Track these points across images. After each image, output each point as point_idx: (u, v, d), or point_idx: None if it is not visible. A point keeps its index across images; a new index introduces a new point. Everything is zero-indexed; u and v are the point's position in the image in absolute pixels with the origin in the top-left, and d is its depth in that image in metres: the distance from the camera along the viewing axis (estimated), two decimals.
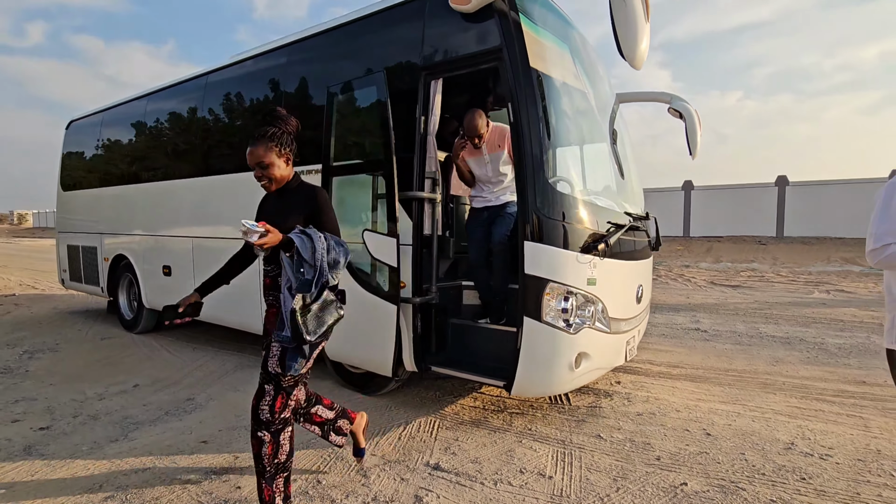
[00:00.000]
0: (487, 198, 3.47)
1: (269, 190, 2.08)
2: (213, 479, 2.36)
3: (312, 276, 1.81)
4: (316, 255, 1.82)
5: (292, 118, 2.10)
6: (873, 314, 6.89)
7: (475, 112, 3.26)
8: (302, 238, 1.82)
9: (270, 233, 1.78)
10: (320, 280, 1.84)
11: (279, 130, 2.02)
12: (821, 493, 2.25)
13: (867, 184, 17.40)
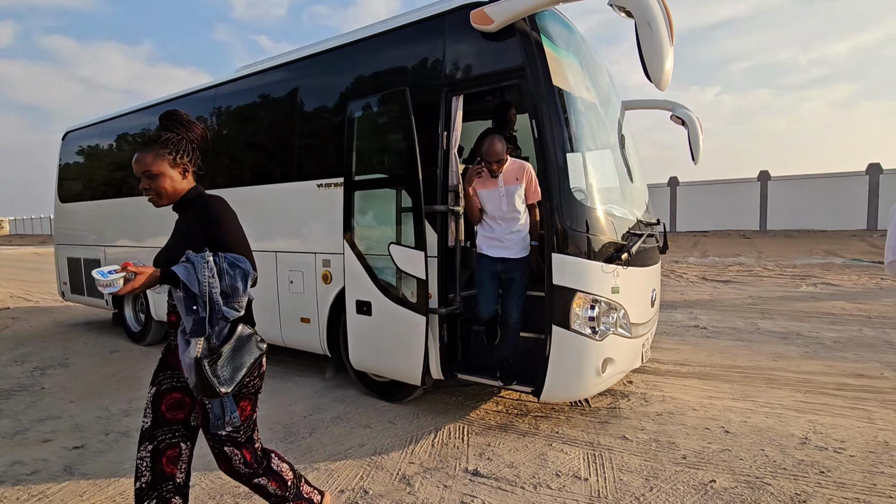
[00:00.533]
0: (503, 242, 3.09)
1: (156, 205, 1.77)
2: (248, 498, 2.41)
3: (206, 312, 1.51)
4: (202, 288, 1.50)
5: (198, 125, 1.81)
6: (861, 307, 7.17)
7: (495, 137, 3.05)
8: (187, 268, 1.51)
9: (140, 273, 1.49)
10: (216, 316, 1.53)
11: (176, 136, 1.73)
12: (840, 486, 2.40)
13: (846, 177, 17.96)
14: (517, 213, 3.10)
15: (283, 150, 4.19)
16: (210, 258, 1.55)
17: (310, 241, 3.92)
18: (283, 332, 4.21)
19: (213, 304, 1.52)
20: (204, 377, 1.51)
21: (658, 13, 2.31)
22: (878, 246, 14.78)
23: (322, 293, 3.86)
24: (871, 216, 17.20)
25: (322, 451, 2.88)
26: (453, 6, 3.17)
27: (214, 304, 1.52)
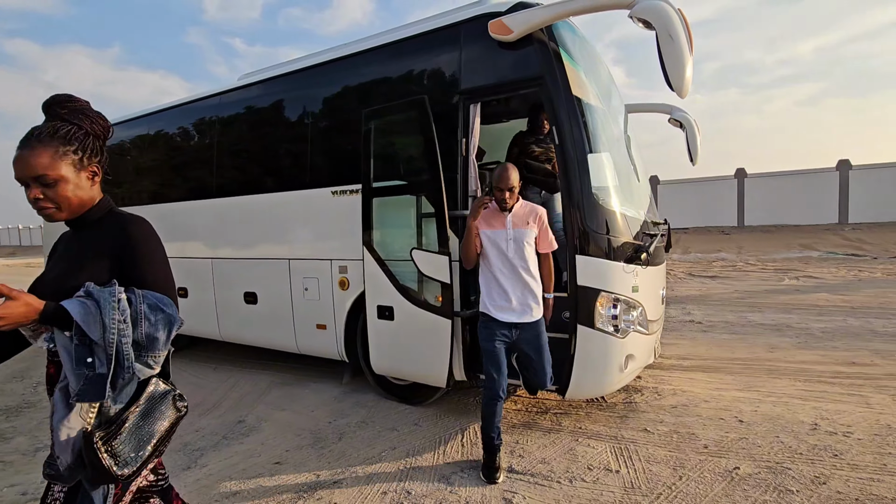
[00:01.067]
0: (511, 303, 2.61)
1: (52, 219, 1.30)
2: (306, 498, 2.45)
3: (107, 368, 1.11)
4: (108, 335, 1.11)
5: (102, 116, 1.35)
6: (843, 298, 7.51)
7: (508, 165, 2.66)
8: (85, 305, 1.12)
9: (16, 300, 1.06)
10: (122, 374, 1.14)
11: (79, 130, 1.28)
12: (854, 467, 2.56)
13: (817, 174, 18.66)
14: (525, 264, 2.62)
15: (296, 158, 4.20)
16: (123, 296, 1.17)
17: (325, 248, 3.95)
18: (297, 340, 4.22)
19: (120, 357, 1.13)
20: (95, 459, 1.10)
21: (678, 25, 2.43)
22: (850, 239, 15.43)
23: (339, 299, 3.89)
24: (843, 211, 17.91)
25: (355, 455, 2.92)
26: (469, 16, 3.25)
27: (122, 358, 1.13)
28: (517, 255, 2.63)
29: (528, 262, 2.65)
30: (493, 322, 2.65)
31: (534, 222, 2.68)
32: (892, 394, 3.60)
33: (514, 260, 2.63)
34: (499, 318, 2.63)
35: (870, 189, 17.25)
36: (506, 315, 2.63)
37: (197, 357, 5.53)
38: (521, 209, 2.69)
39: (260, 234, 4.41)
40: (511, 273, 2.64)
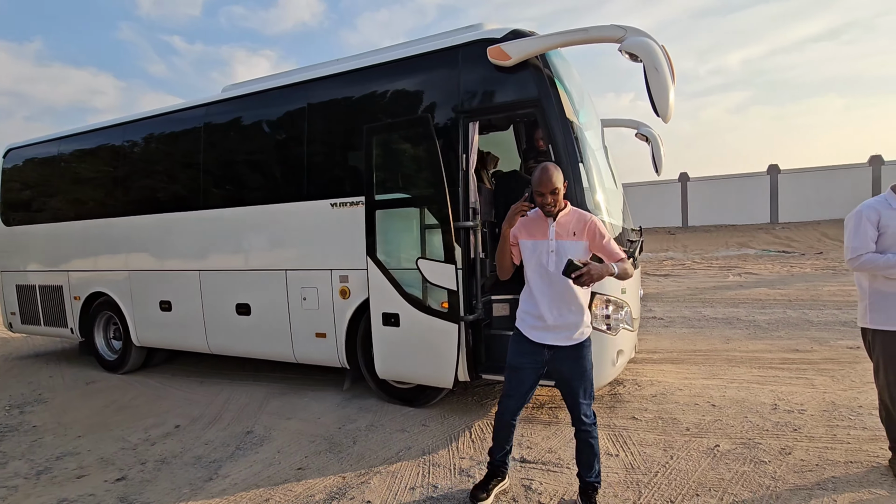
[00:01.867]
0: (547, 323, 2.33)
1: None
2: (339, 498, 2.59)
3: None
4: None
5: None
6: (780, 292, 8.36)
7: (549, 164, 2.34)
8: None
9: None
10: None
11: None
12: (811, 438, 3.00)
13: (749, 177, 20.30)
14: (567, 282, 2.21)
15: (294, 170, 4.26)
16: None
17: (325, 258, 4.05)
18: (295, 349, 4.28)
19: None
20: None
21: (662, 59, 2.78)
22: (781, 237, 16.96)
23: (340, 308, 4.01)
24: (773, 211, 19.61)
25: (374, 456, 3.07)
26: (467, 40, 3.49)
27: None
28: (559, 271, 2.21)
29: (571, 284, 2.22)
30: (524, 340, 2.41)
31: (581, 233, 2.31)
32: (831, 375, 4.15)
33: (555, 276, 2.28)
34: (530, 337, 2.38)
35: (796, 191, 19.02)
36: (539, 335, 2.37)
37: (178, 372, 5.43)
38: (566, 217, 2.36)
39: (254, 245, 4.44)
40: (549, 290, 2.33)
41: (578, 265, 2.08)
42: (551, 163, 2.43)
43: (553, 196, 2.29)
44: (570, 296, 2.33)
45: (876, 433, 2.98)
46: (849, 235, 2.55)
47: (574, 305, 2.35)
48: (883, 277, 2.47)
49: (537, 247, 2.36)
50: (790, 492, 2.46)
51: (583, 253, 2.31)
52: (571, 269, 2.07)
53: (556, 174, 2.30)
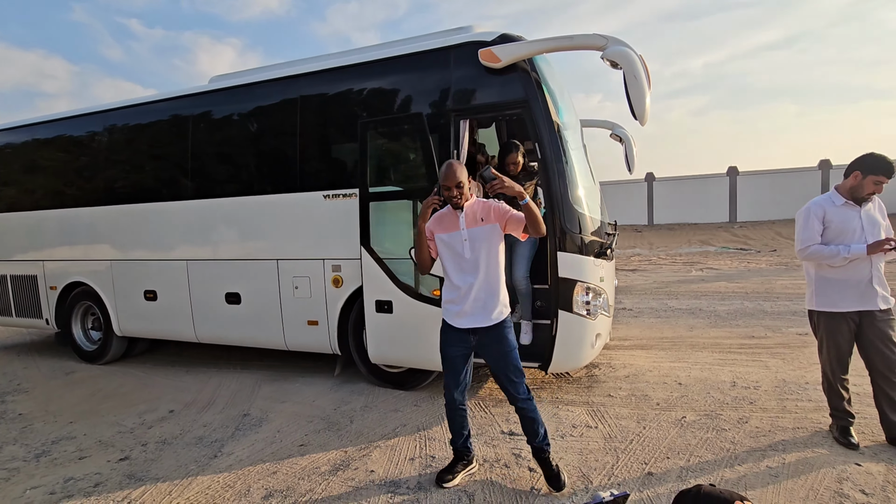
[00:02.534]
0: (464, 306, 2.47)
1: None
2: (343, 468, 2.76)
3: None
4: None
5: None
6: (738, 285, 8.94)
7: (453, 161, 2.53)
8: None
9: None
10: None
11: None
12: (764, 409, 3.37)
13: (710, 178, 21.29)
14: (484, 265, 2.45)
15: (287, 162, 4.36)
16: None
17: (317, 248, 4.18)
18: (286, 337, 4.40)
19: None
20: None
21: (640, 68, 3.05)
22: (738, 235, 17.90)
23: (332, 296, 4.15)
24: (732, 211, 20.65)
25: (372, 433, 3.25)
26: (459, 42, 3.69)
27: None
28: (474, 256, 2.45)
29: (489, 262, 2.46)
30: (450, 329, 2.54)
31: (488, 217, 2.47)
32: (782, 358, 4.58)
33: (472, 261, 2.46)
34: (454, 324, 2.51)
35: (754, 192, 20.11)
36: (461, 321, 2.49)
37: (161, 362, 5.44)
38: (472, 206, 2.50)
39: (245, 235, 4.52)
40: (468, 276, 2.46)
41: (493, 175, 2.34)
42: (456, 160, 2.63)
43: (458, 189, 2.44)
44: (486, 279, 2.47)
45: (819, 404, 3.37)
46: (798, 229, 2.90)
47: (491, 287, 2.48)
48: (827, 266, 2.82)
49: (452, 238, 2.49)
50: (746, 453, 2.79)
51: (496, 236, 2.49)
52: (487, 177, 2.34)
53: (459, 170, 2.46)
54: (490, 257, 2.48)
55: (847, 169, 2.81)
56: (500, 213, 2.47)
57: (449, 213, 2.52)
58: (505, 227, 2.49)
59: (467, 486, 2.61)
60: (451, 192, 2.43)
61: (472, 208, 2.50)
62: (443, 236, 2.51)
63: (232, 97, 4.59)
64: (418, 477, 2.69)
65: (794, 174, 19.96)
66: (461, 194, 2.44)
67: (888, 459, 2.66)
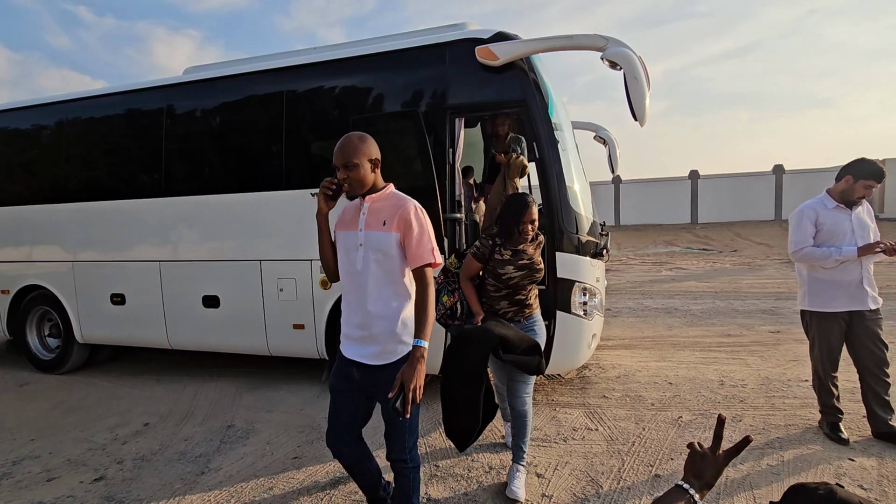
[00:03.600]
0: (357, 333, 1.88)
1: None
2: (345, 482, 2.62)
3: None
4: None
5: None
6: (708, 284, 9.24)
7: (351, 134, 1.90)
8: None
9: None
10: None
11: None
12: (755, 408, 3.45)
13: (673, 181, 22.03)
14: (376, 283, 1.83)
15: (271, 159, 4.15)
16: None
17: (304, 248, 4.00)
18: (269, 341, 4.19)
19: None
20: None
21: (640, 69, 3.06)
22: (701, 236, 18.60)
23: (320, 298, 3.98)
24: (693, 212, 21.44)
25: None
26: (455, 38, 3.61)
27: None
28: (366, 270, 1.82)
29: (383, 280, 1.83)
30: (339, 355, 1.95)
31: (392, 222, 1.82)
32: (760, 356, 4.73)
33: (363, 276, 1.83)
34: (342, 350, 1.94)
35: (714, 195, 20.95)
36: (348, 349, 1.91)
37: (127, 370, 5.09)
38: (380, 201, 1.88)
39: (225, 235, 4.28)
40: (359, 293, 1.84)
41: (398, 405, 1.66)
42: (357, 132, 1.92)
43: (348, 171, 1.79)
44: (377, 305, 1.82)
45: (805, 401, 3.48)
46: (792, 231, 2.97)
47: (383, 317, 1.82)
48: (819, 267, 2.90)
49: (348, 239, 1.89)
50: (746, 451, 2.83)
51: (394, 248, 1.82)
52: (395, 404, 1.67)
53: (355, 143, 1.82)
54: (387, 278, 1.83)
55: (839, 173, 2.90)
56: (407, 225, 1.81)
57: (355, 206, 1.93)
58: (404, 245, 1.83)
59: (474, 493, 2.53)
60: (340, 174, 1.82)
61: (379, 204, 1.88)
62: (340, 234, 1.93)
63: (212, 89, 4.33)
64: (425, 486, 2.59)
65: (750, 178, 20.92)
66: (353, 179, 1.81)
67: (878, 454, 2.76)
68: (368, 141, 1.87)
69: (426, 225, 1.86)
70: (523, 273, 2.54)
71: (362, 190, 1.86)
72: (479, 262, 2.58)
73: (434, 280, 2.01)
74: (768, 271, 10.64)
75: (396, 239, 1.83)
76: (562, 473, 2.68)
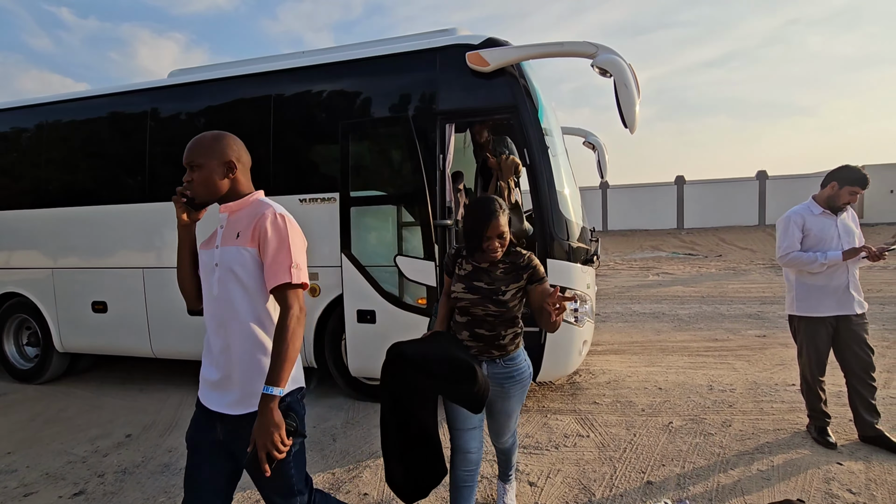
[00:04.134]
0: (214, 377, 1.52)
1: None
2: (335, 493, 2.57)
3: None
4: None
5: None
6: (694, 289, 9.34)
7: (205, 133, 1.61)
8: None
9: None
10: None
11: None
12: (743, 412, 3.47)
13: (659, 187, 22.32)
14: (231, 310, 1.48)
15: (257, 164, 4.07)
16: None
17: None
18: None
19: None
20: None
21: (630, 76, 3.08)
22: (686, 241, 18.85)
23: (308, 305, 3.92)
24: (679, 218, 21.71)
25: (358, 452, 3.07)
26: (445, 44, 3.60)
27: None
28: (222, 295, 1.49)
29: (244, 308, 1.48)
30: (198, 402, 1.59)
31: (247, 233, 1.48)
32: (747, 360, 4.78)
33: (220, 303, 1.50)
34: (199, 397, 1.57)
35: (699, 200, 21.26)
36: (206, 395, 1.54)
37: (107, 380, 4.96)
38: (239, 210, 1.56)
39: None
40: (215, 324, 1.52)
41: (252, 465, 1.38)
42: (219, 131, 1.62)
43: (192, 173, 1.53)
44: (236, 333, 1.48)
45: (792, 405, 3.52)
46: (779, 236, 3.01)
47: (244, 348, 1.48)
48: (807, 272, 2.94)
49: (205, 259, 1.59)
50: (736, 457, 2.85)
51: (250, 266, 1.48)
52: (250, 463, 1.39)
53: (205, 142, 1.54)
54: (248, 305, 1.48)
55: (824, 180, 2.94)
56: (261, 235, 1.46)
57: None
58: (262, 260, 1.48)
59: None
60: (185, 176, 1.55)
61: (238, 214, 1.56)
62: (200, 254, 1.61)
63: (198, 93, 4.27)
64: None
65: (734, 183, 21.28)
66: (199, 184, 1.52)
67: (865, 457, 2.79)
68: (225, 141, 1.57)
69: (289, 236, 1.47)
70: (474, 298, 1.93)
71: (210, 197, 1.55)
72: (447, 274, 2.13)
73: None
74: (753, 276, 10.80)
75: (253, 255, 1.48)
76: (554, 481, 2.66)
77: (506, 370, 2.02)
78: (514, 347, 2.04)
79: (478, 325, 1.99)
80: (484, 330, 1.98)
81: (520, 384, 2.05)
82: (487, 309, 1.94)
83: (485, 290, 1.95)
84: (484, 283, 1.97)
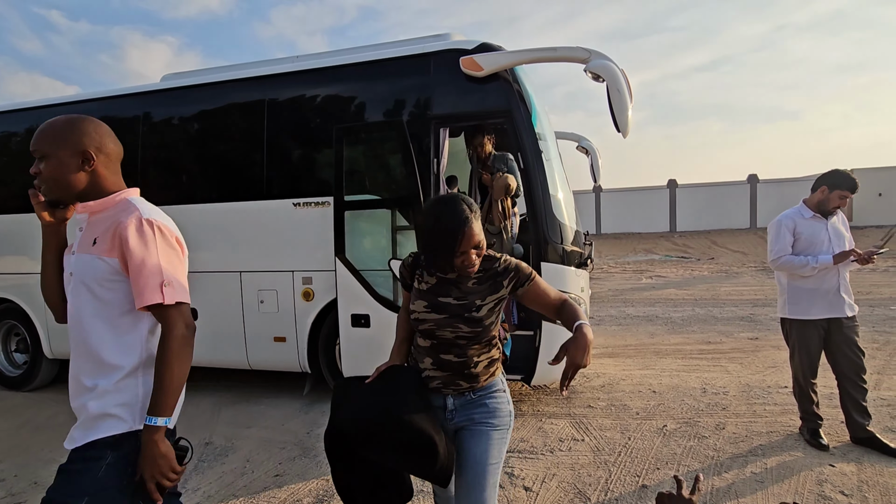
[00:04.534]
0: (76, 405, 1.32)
1: None
2: (329, 500, 2.55)
3: None
4: None
5: None
6: (687, 292, 9.40)
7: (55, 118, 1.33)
8: None
9: None
10: None
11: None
12: (737, 415, 3.48)
13: (652, 190, 22.46)
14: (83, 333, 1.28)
15: (252, 168, 4.07)
16: None
17: (286, 259, 3.93)
18: (249, 355, 4.09)
19: None
20: None
21: (623, 82, 3.10)
22: (679, 244, 18.97)
23: (302, 311, 3.91)
24: (672, 221, 21.86)
25: None
26: (439, 49, 3.61)
27: None
28: (77, 310, 1.29)
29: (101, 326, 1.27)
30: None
31: (106, 241, 1.28)
32: (740, 362, 4.81)
33: (74, 319, 1.30)
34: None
35: (691, 203, 21.42)
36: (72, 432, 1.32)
37: None
38: (102, 212, 1.35)
39: (203, 245, 4.16)
40: (72, 343, 1.32)
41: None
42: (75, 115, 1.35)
43: (39, 165, 1.30)
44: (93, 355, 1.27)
45: (785, 408, 3.54)
46: (771, 240, 3.04)
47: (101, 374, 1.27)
48: (798, 275, 2.96)
49: (64, 266, 1.38)
50: (731, 459, 2.86)
51: (107, 279, 1.27)
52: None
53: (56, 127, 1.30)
54: (105, 323, 1.28)
55: (814, 184, 2.98)
56: (121, 244, 1.25)
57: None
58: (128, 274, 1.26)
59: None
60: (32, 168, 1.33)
61: (100, 215, 1.35)
62: (65, 260, 1.39)
63: (192, 97, 4.25)
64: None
65: (726, 187, 21.46)
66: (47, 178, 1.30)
67: (856, 459, 2.81)
68: (81, 127, 1.30)
69: (156, 247, 1.28)
70: (440, 319, 1.52)
71: (62, 193, 1.32)
72: (403, 287, 1.71)
73: None
74: (745, 278, 10.88)
75: (113, 266, 1.26)
76: (549, 486, 2.66)
77: (476, 400, 1.57)
78: (488, 377, 1.59)
79: (444, 351, 1.55)
80: (452, 356, 1.55)
81: (497, 419, 1.57)
82: (458, 330, 1.51)
83: (454, 306, 1.52)
84: (453, 298, 1.53)
